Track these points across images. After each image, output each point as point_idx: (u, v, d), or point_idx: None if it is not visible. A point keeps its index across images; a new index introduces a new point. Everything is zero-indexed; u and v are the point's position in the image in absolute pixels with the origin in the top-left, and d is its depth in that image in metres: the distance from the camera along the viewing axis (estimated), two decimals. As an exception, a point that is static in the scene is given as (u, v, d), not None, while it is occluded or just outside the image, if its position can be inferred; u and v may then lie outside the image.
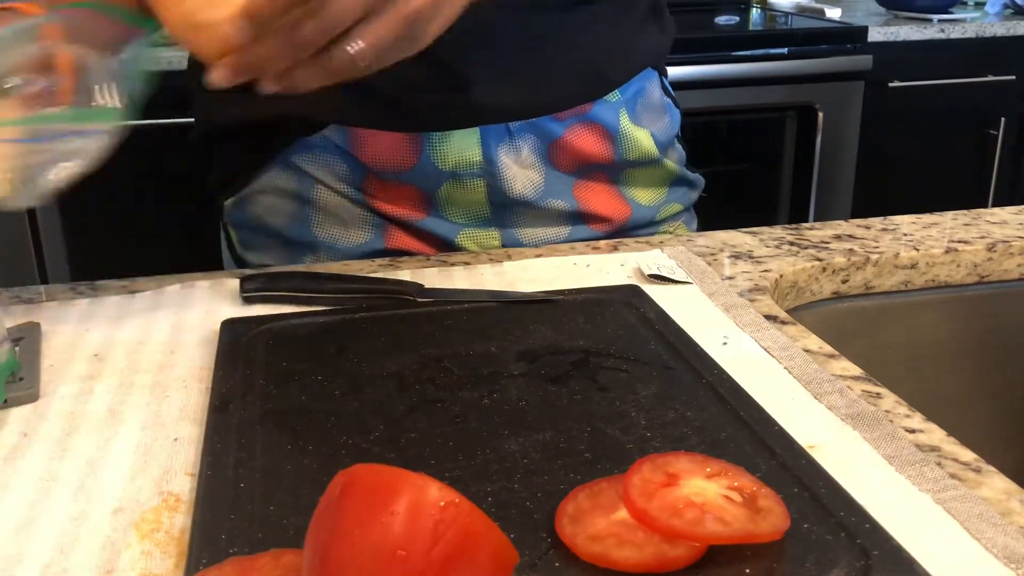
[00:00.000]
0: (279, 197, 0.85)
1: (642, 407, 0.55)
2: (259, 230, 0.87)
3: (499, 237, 0.86)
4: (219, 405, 0.56)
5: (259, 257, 0.88)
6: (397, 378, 0.59)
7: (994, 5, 2.67)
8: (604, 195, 0.88)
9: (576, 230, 0.88)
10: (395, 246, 0.85)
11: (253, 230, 0.88)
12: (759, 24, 2.54)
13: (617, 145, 0.87)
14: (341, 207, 0.84)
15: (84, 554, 0.45)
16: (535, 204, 0.85)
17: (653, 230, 0.92)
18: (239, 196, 0.88)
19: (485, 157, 0.82)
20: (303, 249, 0.86)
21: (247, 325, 0.66)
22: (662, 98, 0.92)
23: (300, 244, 0.85)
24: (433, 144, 0.81)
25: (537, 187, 0.85)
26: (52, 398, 0.59)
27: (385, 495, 0.34)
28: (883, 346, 0.83)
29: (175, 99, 1.98)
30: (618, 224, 0.89)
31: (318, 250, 0.85)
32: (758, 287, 0.75)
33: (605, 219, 0.88)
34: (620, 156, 0.87)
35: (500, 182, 0.83)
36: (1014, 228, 0.88)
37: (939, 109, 2.47)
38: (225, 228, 0.91)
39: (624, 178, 0.89)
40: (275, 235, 0.86)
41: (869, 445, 0.52)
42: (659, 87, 0.92)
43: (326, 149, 0.83)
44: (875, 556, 0.42)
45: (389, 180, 0.82)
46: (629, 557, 0.41)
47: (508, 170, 0.83)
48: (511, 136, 0.83)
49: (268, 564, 0.39)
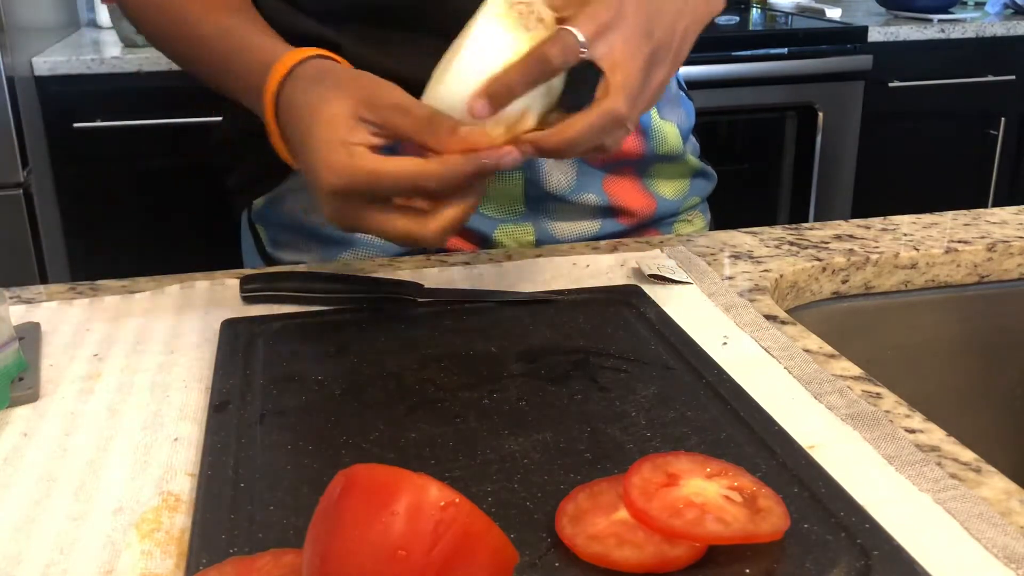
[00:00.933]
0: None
1: (642, 407, 0.55)
2: (294, 229, 0.87)
3: (533, 232, 0.87)
4: (219, 405, 0.56)
5: (293, 255, 0.88)
6: (397, 378, 0.59)
7: (994, 5, 2.67)
8: (631, 189, 0.89)
9: (607, 224, 0.88)
10: None
11: (287, 228, 0.87)
12: (759, 24, 2.54)
13: (649, 139, 0.87)
14: None
15: (84, 554, 0.45)
16: (568, 199, 0.86)
17: (673, 220, 0.93)
18: (272, 195, 0.87)
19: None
20: (340, 246, 0.85)
21: (247, 325, 0.66)
22: (678, 91, 0.94)
23: (338, 241, 0.85)
24: None
25: (571, 181, 0.85)
26: (52, 398, 0.59)
27: (385, 495, 0.34)
28: (883, 346, 0.83)
29: (175, 99, 1.99)
30: (643, 218, 0.89)
31: (355, 247, 0.85)
32: (758, 287, 0.75)
33: (632, 213, 0.89)
34: (651, 150, 0.88)
35: (537, 175, 0.83)
36: (1014, 228, 0.88)
37: (939, 109, 2.47)
38: (252, 227, 0.91)
39: (650, 172, 0.90)
40: (312, 233, 0.86)
41: (869, 445, 0.52)
42: (674, 79, 0.93)
43: None
44: (875, 556, 0.42)
45: None
46: (629, 557, 0.41)
47: (544, 163, 0.84)
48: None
49: (268, 564, 0.39)
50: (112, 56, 1.99)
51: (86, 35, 2.32)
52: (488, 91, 0.57)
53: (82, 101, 1.99)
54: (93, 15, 2.42)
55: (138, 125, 1.99)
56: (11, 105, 1.81)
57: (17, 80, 1.85)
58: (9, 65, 1.81)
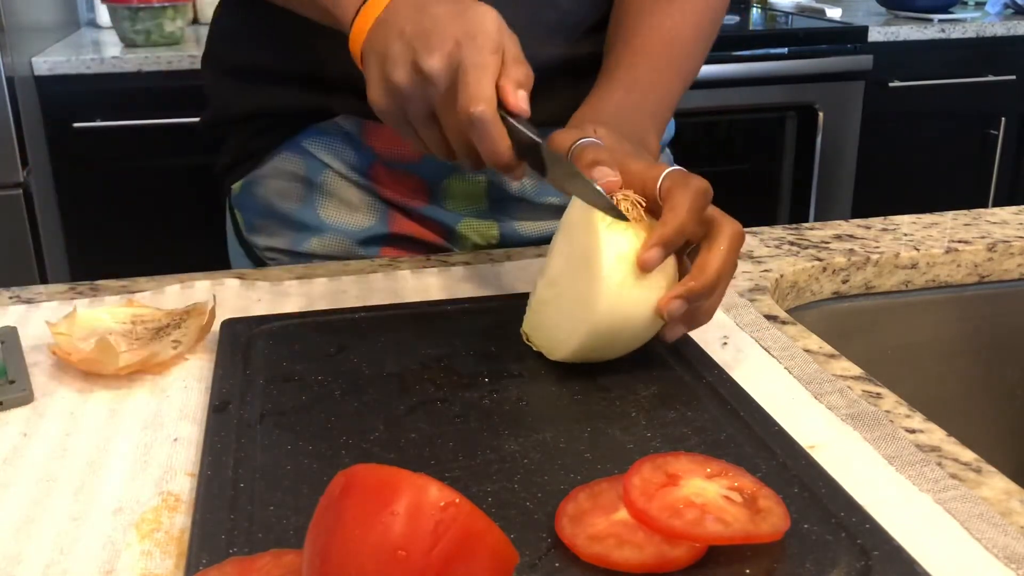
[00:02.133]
0: (288, 181, 0.87)
1: (642, 407, 0.55)
2: (267, 214, 0.89)
3: (497, 228, 0.87)
4: (219, 405, 0.56)
5: (265, 240, 0.89)
6: (397, 378, 0.59)
7: (994, 5, 2.67)
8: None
9: None
10: (398, 231, 0.86)
11: (261, 213, 0.89)
12: (759, 24, 2.54)
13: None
14: (348, 192, 0.86)
15: (84, 554, 0.45)
16: (532, 200, 0.86)
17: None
18: (247, 179, 0.89)
19: None
20: (309, 232, 0.87)
21: (247, 325, 0.66)
22: None
23: (307, 227, 0.87)
24: None
25: (535, 185, 0.85)
26: (52, 398, 0.59)
27: (385, 495, 0.34)
28: (883, 346, 0.83)
29: (175, 99, 1.99)
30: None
31: (324, 233, 0.86)
32: (758, 287, 0.75)
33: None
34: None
35: (500, 178, 0.84)
36: (1014, 228, 0.88)
37: (939, 109, 2.46)
38: (232, 212, 0.93)
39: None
40: (283, 218, 0.88)
41: (869, 445, 0.52)
42: None
43: (337, 136, 0.84)
44: (875, 556, 0.42)
45: (396, 169, 0.84)
46: (629, 557, 0.41)
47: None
48: None
49: (268, 564, 0.39)
50: (112, 56, 1.99)
51: (86, 35, 2.32)
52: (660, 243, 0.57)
53: (82, 101, 1.99)
54: (93, 15, 2.42)
55: (138, 125, 1.99)
56: (11, 105, 1.81)
57: (17, 80, 1.85)
58: (9, 65, 1.81)
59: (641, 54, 0.76)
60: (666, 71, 0.77)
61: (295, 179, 0.86)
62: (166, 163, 2.05)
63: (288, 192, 0.87)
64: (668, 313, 0.57)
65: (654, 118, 0.74)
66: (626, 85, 0.74)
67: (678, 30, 0.78)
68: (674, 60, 0.78)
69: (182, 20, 2.14)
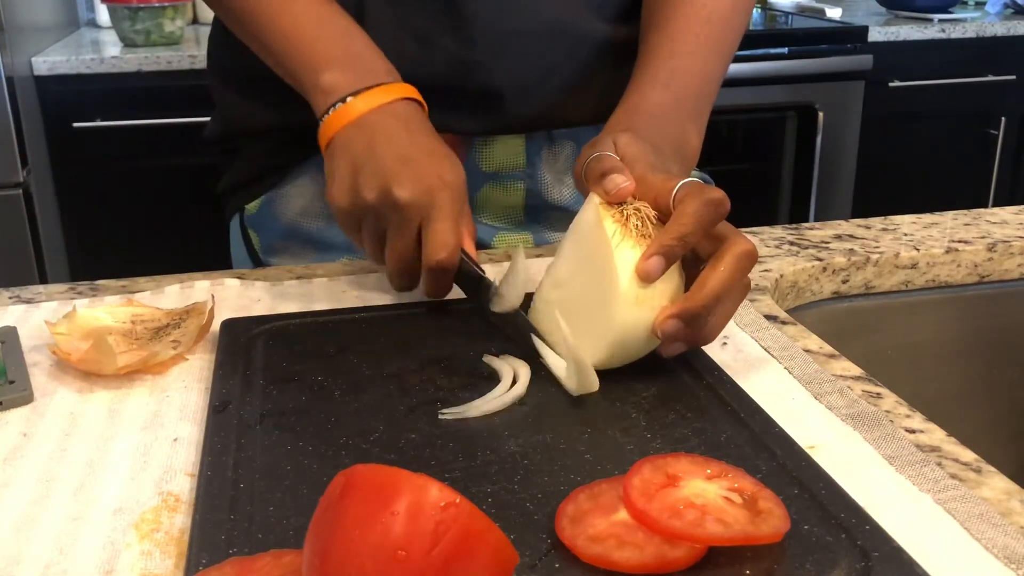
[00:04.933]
0: (315, 200, 0.84)
1: (642, 408, 0.55)
2: (290, 234, 0.86)
3: (532, 241, 0.87)
4: (219, 405, 0.56)
5: (286, 262, 0.86)
6: (397, 379, 0.59)
7: (994, 5, 2.67)
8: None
9: None
10: None
11: (282, 234, 0.86)
12: (759, 24, 2.54)
13: None
14: None
15: (84, 554, 0.45)
16: (569, 208, 0.86)
17: None
18: (266, 198, 0.86)
19: (528, 161, 0.83)
20: (338, 252, 0.84)
21: (247, 325, 0.66)
22: None
23: (335, 247, 0.84)
24: (477, 147, 0.82)
25: (572, 192, 0.85)
26: (51, 398, 0.59)
27: (385, 495, 0.34)
28: (883, 346, 0.83)
29: (175, 99, 1.99)
30: None
31: (355, 252, 0.84)
32: (758, 287, 0.75)
33: None
34: None
35: (539, 186, 0.84)
36: (1014, 228, 0.88)
37: (939, 109, 2.46)
38: (245, 233, 0.89)
39: None
40: (307, 238, 0.85)
41: (869, 445, 0.52)
42: None
43: None
44: (875, 557, 0.42)
45: None
46: (629, 558, 0.41)
47: (547, 175, 0.84)
48: (551, 142, 0.84)
49: (268, 564, 0.39)
50: (112, 56, 1.99)
51: (85, 35, 2.32)
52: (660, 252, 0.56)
53: (82, 101, 1.99)
54: (93, 15, 2.42)
55: (138, 125, 1.99)
56: (11, 105, 1.81)
57: (17, 80, 1.85)
58: (9, 65, 1.81)
59: (679, 40, 0.74)
60: (706, 55, 0.75)
61: (321, 198, 0.83)
62: (166, 163, 2.05)
63: (315, 211, 0.84)
64: (662, 333, 0.56)
65: (693, 115, 0.73)
66: (663, 81, 0.72)
67: (715, 5, 0.76)
68: (712, 40, 0.75)
69: (182, 20, 2.15)
